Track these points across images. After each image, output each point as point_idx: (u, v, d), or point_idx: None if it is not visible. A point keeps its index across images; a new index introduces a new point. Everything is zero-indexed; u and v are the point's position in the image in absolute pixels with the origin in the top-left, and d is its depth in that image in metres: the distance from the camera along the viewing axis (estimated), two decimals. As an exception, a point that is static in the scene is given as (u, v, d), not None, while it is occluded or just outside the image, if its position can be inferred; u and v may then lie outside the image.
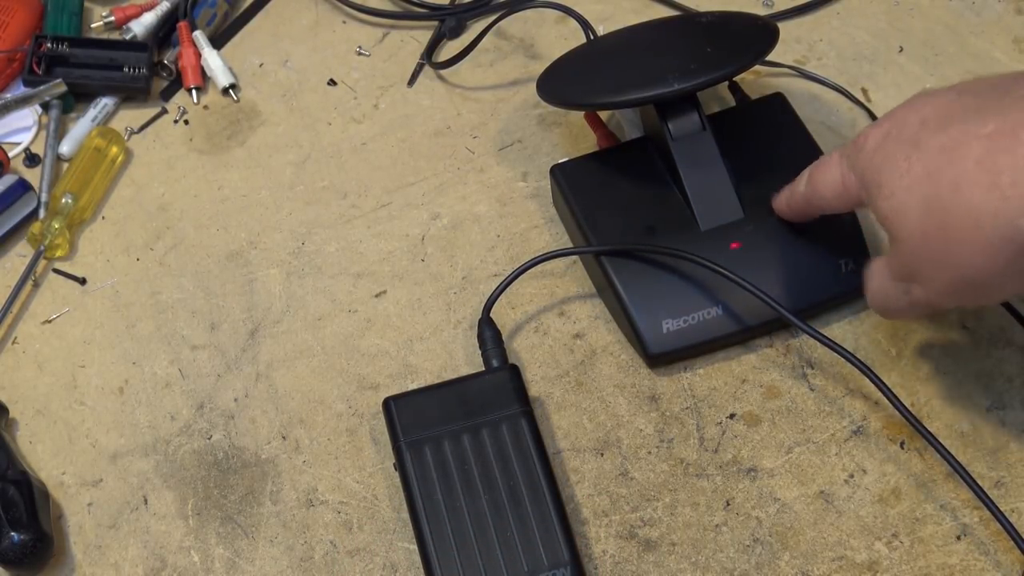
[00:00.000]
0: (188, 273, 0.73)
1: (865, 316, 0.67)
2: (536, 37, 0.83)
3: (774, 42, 0.67)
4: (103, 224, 0.76)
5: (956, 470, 0.59)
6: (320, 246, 0.73)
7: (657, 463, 0.63)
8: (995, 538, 0.59)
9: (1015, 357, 0.65)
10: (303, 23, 0.85)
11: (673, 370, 0.66)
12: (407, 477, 0.60)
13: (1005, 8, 0.81)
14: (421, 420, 0.62)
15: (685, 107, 0.68)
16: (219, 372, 0.68)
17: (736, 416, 0.64)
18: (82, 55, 0.81)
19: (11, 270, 0.74)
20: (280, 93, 0.81)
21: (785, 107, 0.72)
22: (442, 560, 0.58)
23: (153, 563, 0.62)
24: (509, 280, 0.67)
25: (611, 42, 0.73)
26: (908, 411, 0.60)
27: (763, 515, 0.61)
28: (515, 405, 0.62)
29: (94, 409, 0.68)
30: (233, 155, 0.78)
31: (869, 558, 0.59)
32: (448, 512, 0.59)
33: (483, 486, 0.60)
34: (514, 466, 0.60)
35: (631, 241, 0.67)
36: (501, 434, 0.61)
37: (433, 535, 0.58)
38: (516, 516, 0.59)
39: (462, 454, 0.60)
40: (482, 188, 0.75)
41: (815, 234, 0.67)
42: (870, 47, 0.80)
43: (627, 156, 0.71)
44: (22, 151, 0.79)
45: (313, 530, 0.62)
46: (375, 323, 0.70)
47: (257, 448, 0.65)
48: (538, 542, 0.58)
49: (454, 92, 0.80)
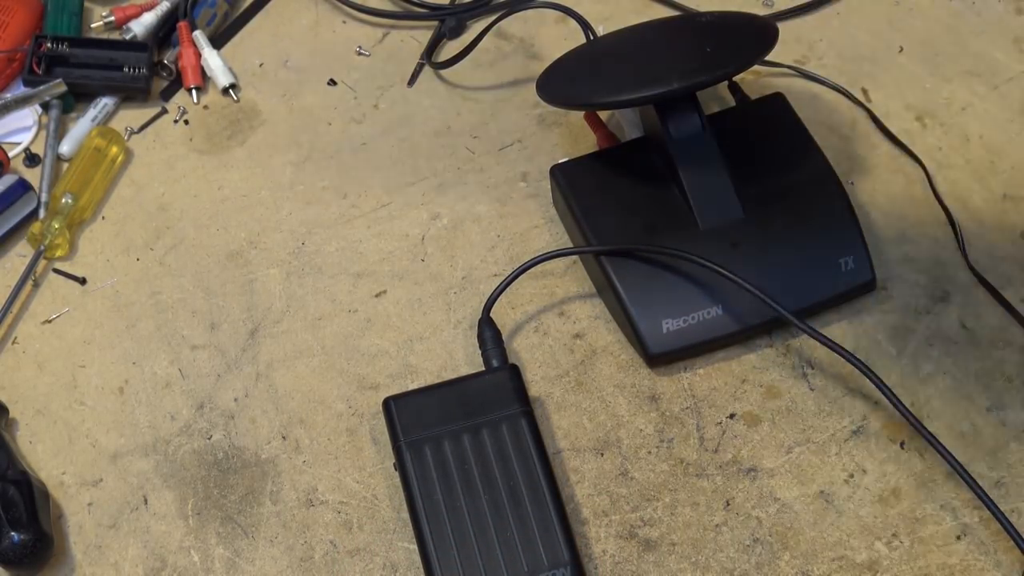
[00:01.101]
0: (188, 273, 0.73)
1: (865, 316, 0.67)
2: (536, 37, 0.83)
3: (774, 42, 0.67)
4: (103, 224, 0.76)
5: (956, 470, 0.59)
6: (320, 246, 0.73)
7: (657, 463, 0.63)
8: (995, 538, 0.59)
9: (1015, 357, 0.65)
10: (303, 23, 0.85)
11: (673, 370, 0.66)
12: (407, 477, 0.60)
13: (1005, 8, 0.81)
14: (421, 420, 0.62)
15: (685, 107, 0.68)
16: (219, 372, 0.68)
17: (736, 416, 0.64)
18: (82, 55, 0.81)
19: (11, 270, 0.74)
20: (280, 93, 0.81)
21: (785, 107, 0.72)
22: (442, 560, 0.58)
23: (153, 563, 0.62)
24: (509, 280, 0.67)
25: (611, 42, 0.73)
26: (908, 411, 0.60)
27: (763, 515, 0.61)
28: (515, 405, 0.62)
29: (94, 409, 0.68)
30: (233, 155, 0.78)
31: (869, 558, 0.59)
32: (448, 512, 0.59)
33: (483, 486, 0.60)
34: (514, 466, 0.60)
35: (631, 241, 0.67)
36: (501, 434, 0.61)
37: (433, 535, 0.58)
38: (516, 516, 0.59)
39: (462, 454, 0.60)
40: (482, 188, 0.75)
41: (815, 233, 0.67)
42: (870, 47, 0.80)
43: (627, 156, 0.71)
44: (22, 151, 0.79)
45: (313, 530, 0.62)
46: (375, 323, 0.70)
47: (257, 448, 0.65)
48: (538, 542, 0.58)
49: (454, 92, 0.80)
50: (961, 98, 0.77)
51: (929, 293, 0.68)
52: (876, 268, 0.67)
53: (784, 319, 0.63)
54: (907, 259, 0.69)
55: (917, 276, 0.69)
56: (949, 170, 0.73)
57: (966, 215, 0.71)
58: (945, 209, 0.71)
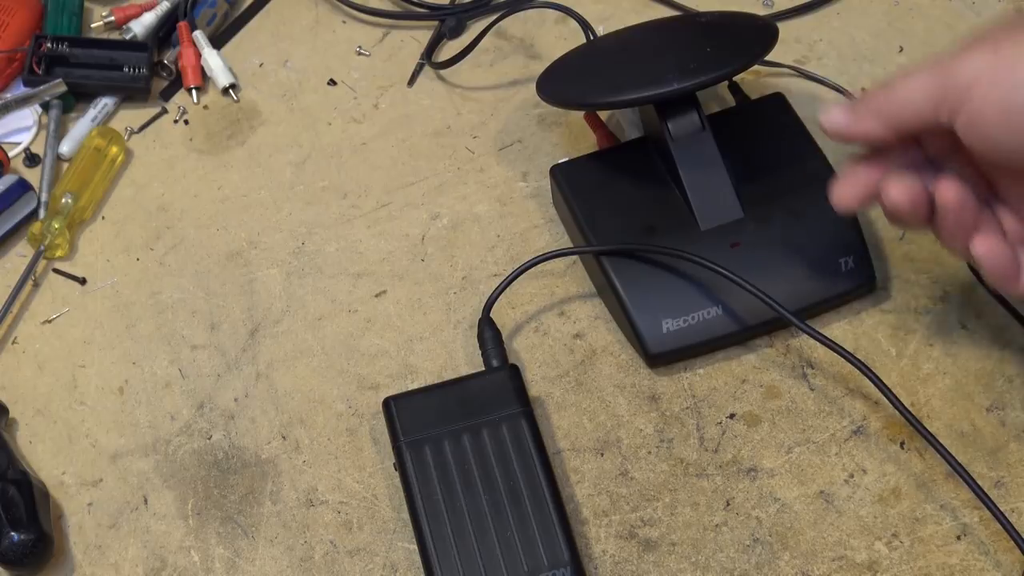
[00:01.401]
0: (188, 273, 0.73)
1: (865, 316, 0.67)
2: (536, 37, 0.83)
3: (774, 42, 0.67)
4: (103, 224, 0.76)
5: (956, 470, 0.59)
6: (320, 246, 0.73)
7: (657, 463, 0.63)
8: (995, 538, 0.59)
9: (1015, 357, 0.65)
10: (303, 23, 0.85)
11: (673, 370, 0.66)
12: (407, 477, 0.60)
13: (1005, 8, 0.81)
14: (421, 420, 0.62)
15: (685, 107, 0.68)
16: (219, 372, 0.68)
17: (736, 416, 0.64)
18: (82, 55, 0.81)
19: (11, 270, 0.74)
20: (280, 93, 0.81)
21: (785, 107, 0.72)
22: (442, 560, 0.58)
23: (153, 563, 0.62)
24: (509, 280, 0.67)
25: (611, 42, 0.73)
26: (908, 411, 0.60)
27: (763, 515, 0.61)
28: (515, 405, 0.62)
29: (94, 409, 0.68)
30: (233, 155, 0.78)
31: (869, 558, 0.59)
32: (448, 512, 0.59)
33: (483, 486, 0.59)
34: (514, 466, 0.60)
35: (631, 241, 0.67)
36: (501, 434, 0.61)
37: (433, 535, 0.58)
38: (516, 516, 0.59)
39: (462, 454, 0.60)
40: (482, 188, 0.75)
41: (815, 233, 0.67)
42: (870, 47, 0.80)
43: (627, 156, 0.71)
44: (22, 151, 0.79)
45: (313, 530, 0.62)
46: (375, 323, 0.70)
47: (257, 448, 0.65)
48: (538, 542, 0.58)
49: (454, 92, 0.80)
50: (961, 98, 0.77)
51: (929, 293, 0.68)
52: (876, 268, 0.67)
53: (784, 319, 0.63)
54: (907, 259, 0.69)
55: (917, 276, 0.69)
56: (949, 170, 0.73)
57: (966, 215, 0.71)
58: (945, 209, 0.71)
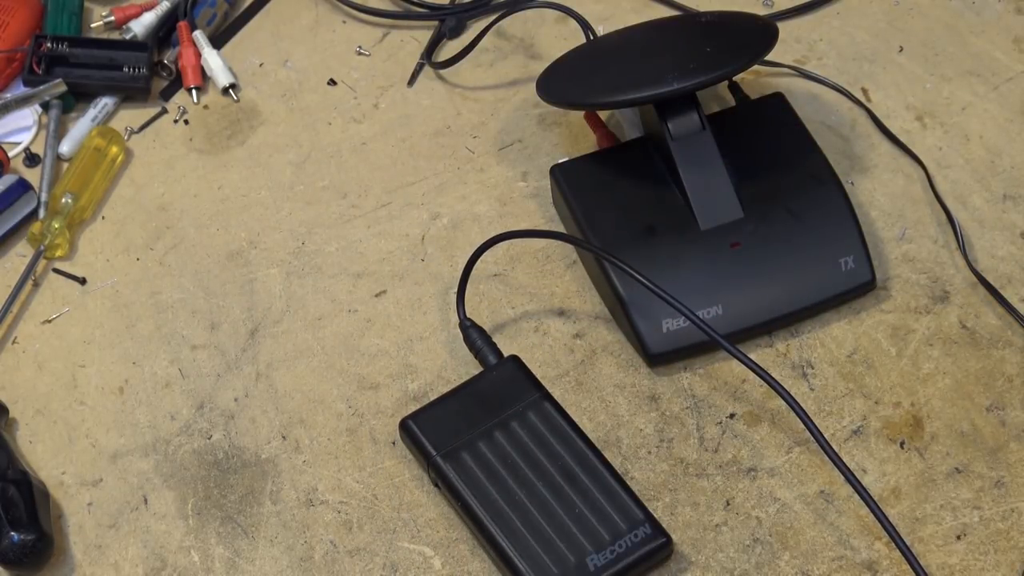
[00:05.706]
0: (188, 273, 0.73)
1: (865, 316, 0.67)
2: (536, 37, 0.83)
3: (773, 42, 0.67)
4: (103, 224, 0.76)
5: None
6: (320, 246, 0.73)
7: (657, 463, 0.63)
8: (995, 538, 0.59)
9: (1015, 357, 0.65)
10: (303, 23, 0.85)
11: (673, 370, 0.66)
12: (455, 488, 0.59)
13: (1005, 8, 0.81)
14: (446, 430, 0.61)
15: (685, 107, 0.68)
16: (219, 372, 0.68)
17: (736, 416, 0.64)
18: (82, 55, 0.81)
19: (11, 270, 0.74)
20: (280, 93, 0.81)
21: (785, 107, 0.72)
22: (523, 556, 0.57)
23: (153, 563, 0.62)
24: (466, 273, 0.67)
25: (611, 42, 0.73)
26: (830, 446, 0.59)
27: (763, 515, 0.61)
28: (532, 391, 0.62)
29: (94, 409, 0.68)
30: (233, 155, 0.78)
31: (869, 558, 0.59)
32: (511, 508, 0.58)
33: (534, 474, 0.59)
34: (556, 448, 0.60)
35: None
36: (530, 421, 0.61)
37: (505, 534, 0.57)
38: (578, 492, 0.58)
39: (500, 450, 0.60)
40: (482, 188, 0.75)
41: (815, 233, 0.67)
42: (870, 47, 0.80)
43: (627, 156, 0.71)
44: (22, 151, 0.79)
45: (313, 530, 0.62)
46: (375, 323, 0.70)
47: (257, 448, 0.65)
48: (608, 510, 0.58)
49: (454, 92, 0.80)
50: (961, 98, 0.77)
51: (929, 293, 0.68)
52: (876, 268, 0.67)
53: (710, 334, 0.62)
54: (907, 259, 0.69)
55: (917, 276, 0.69)
56: (949, 170, 0.73)
57: (966, 215, 0.71)
58: (945, 209, 0.71)
